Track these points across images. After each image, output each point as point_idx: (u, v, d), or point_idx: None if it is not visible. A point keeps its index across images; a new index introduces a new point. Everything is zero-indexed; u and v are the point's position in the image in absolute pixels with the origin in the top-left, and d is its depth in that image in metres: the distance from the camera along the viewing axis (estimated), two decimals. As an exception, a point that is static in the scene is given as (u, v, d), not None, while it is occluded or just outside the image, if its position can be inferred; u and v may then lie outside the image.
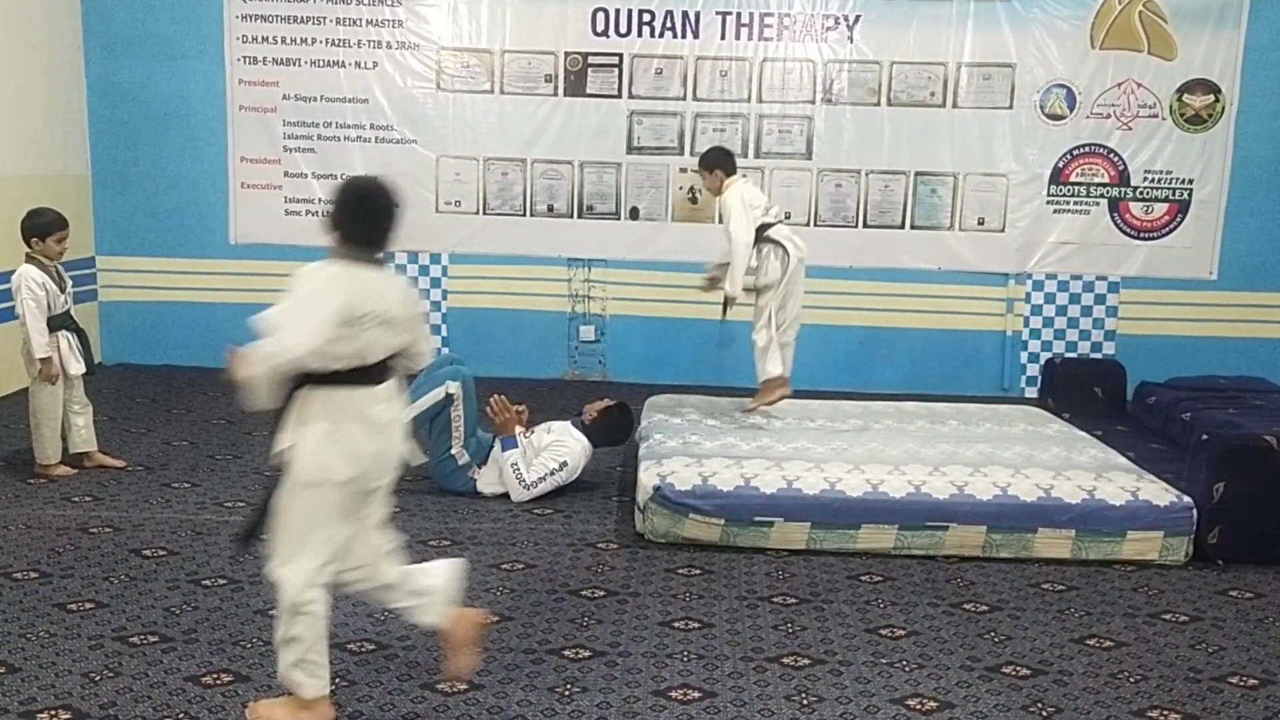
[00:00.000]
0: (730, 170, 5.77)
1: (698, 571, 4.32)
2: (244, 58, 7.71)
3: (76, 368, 5.23)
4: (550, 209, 7.84)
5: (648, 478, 4.68)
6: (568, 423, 5.32)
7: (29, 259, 5.12)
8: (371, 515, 3.07)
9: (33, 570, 4.08)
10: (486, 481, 5.14)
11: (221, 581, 4.04)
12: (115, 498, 4.99)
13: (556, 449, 5.14)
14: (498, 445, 5.13)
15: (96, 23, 7.66)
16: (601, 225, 7.83)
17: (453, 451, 5.09)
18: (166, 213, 7.86)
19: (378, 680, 3.30)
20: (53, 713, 3.04)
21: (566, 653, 3.54)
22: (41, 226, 5.15)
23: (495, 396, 5.19)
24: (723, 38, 7.59)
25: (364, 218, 2.98)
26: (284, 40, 7.68)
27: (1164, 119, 7.57)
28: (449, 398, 5.05)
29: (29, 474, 5.28)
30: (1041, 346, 7.86)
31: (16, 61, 7.00)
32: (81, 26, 7.66)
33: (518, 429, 5.19)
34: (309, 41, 7.67)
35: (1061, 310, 7.85)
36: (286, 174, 7.83)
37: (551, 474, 5.09)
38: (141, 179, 7.81)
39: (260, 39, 7.68)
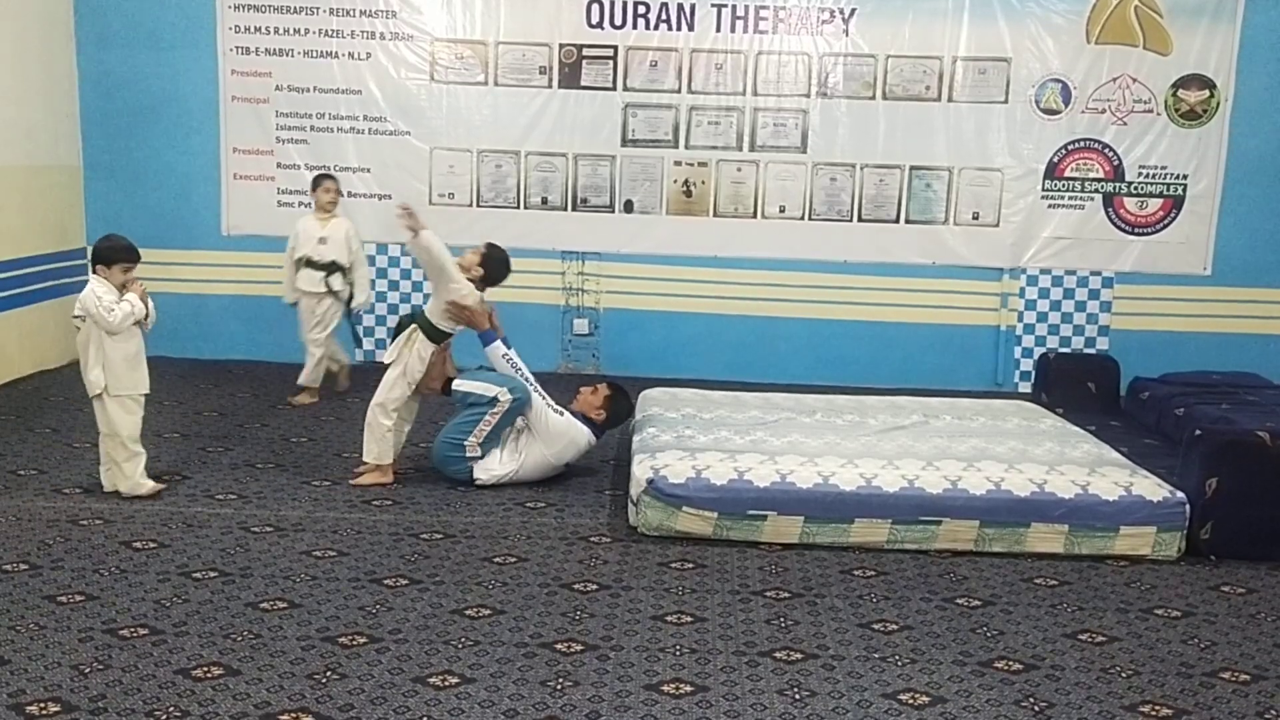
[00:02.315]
0: None
1: (690, 565, 4.31)
2: (236, 48, 7.67)
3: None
4: (544, 202, 7.82)
5: (641, 471, 4.68)
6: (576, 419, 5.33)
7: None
8: None
9: (22, 562, 4.06)
10: (484, 469, 5.14)
11: (212, 574, 4.02)
12: (105, 489, 4.96)
13: (564, 416, 5.23)
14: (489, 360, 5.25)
15: (89, 13, 7.62)
16: (596, 218, 7.81)
17: (465, 443, 5.10)
18: (158, 204, 7.82)
19: (369, 673, 3.29)
20: (42, 705, 3.03)
21: (559, 646, 3.54)
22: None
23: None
24: (718, 30, 7.57)
25: None
26: (276, 30, 7.64)
27: (1159, 114, 7.57)
28: (494, 401, 5.07)
29: (19, 465, 5.26)
30: (1035, 341, 7.86)
31: (9, 52, 6.96)
32: (74, 17, 7.62)
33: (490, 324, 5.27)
34: (302, 32, 7.64)
35: (1055, 305, 7.85)
36: (279, 165, 7.80)
37: (549, 407, 5.16)
38: (133, 170, 7.78)
39: (253, 29, 7.64)
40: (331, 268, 6.69)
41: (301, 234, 6.74)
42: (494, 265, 5.31)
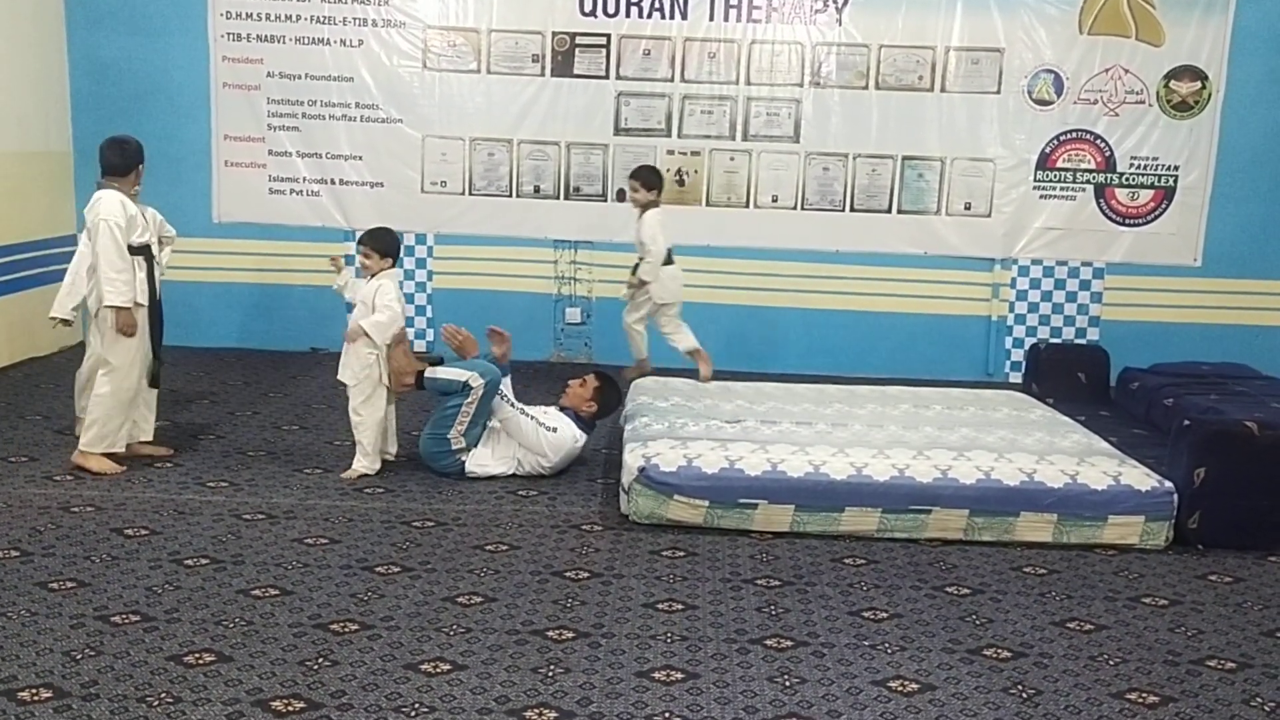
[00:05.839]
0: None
1: (682, 553, 4.33)
2: (228, 34, 7.63)
3: None
4: (537, 190, 7.80)
5: (633, 459, 4.69)
6: (566, 417, 5.31)
7: None
8: None
9: (14, 549, 4.06)
10: (476, 462, 5.14)
11: (204, 561, 4.03)
12: (97, 477, 4.96)
13: (554, 417, 5.21)
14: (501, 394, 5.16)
15: (79, -2, 7.59)
16: (588, 207, 7.80)
17: (449, 436, 5.09)
18: (149, 190, 7.63)
19: (361, 660, 3.30)
20: (34, 691, 3.03)
21: (550, 634, 3.55)
22: None
23: (444, 325, 5.27)
24: (711, 19, 7.55)
25: None
26: (268, 17, 7.60)
27: (1151, 105, 7.58)
28: (466, 388, 5.03)
29: (10, 453, 5.25)
30: (1026, 332, 7.88)
31: (-2, 36, 6.93)
32: (64, 2, 7.56)
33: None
34: (293, 18, 7.59)
35: (1046, 296, 7.87)
36: (270, 152, 7.77)
37: (538, 423, 5.13)
38: (124, 156, 7.73)
39: (244, 15, 7.60)
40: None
41: (135, 217, 5.49)
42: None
